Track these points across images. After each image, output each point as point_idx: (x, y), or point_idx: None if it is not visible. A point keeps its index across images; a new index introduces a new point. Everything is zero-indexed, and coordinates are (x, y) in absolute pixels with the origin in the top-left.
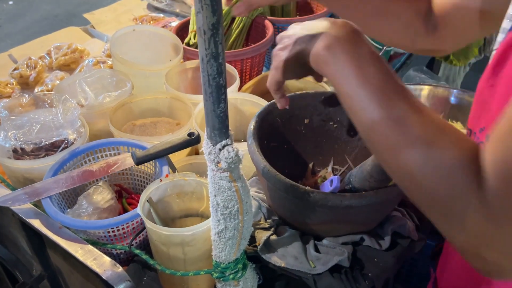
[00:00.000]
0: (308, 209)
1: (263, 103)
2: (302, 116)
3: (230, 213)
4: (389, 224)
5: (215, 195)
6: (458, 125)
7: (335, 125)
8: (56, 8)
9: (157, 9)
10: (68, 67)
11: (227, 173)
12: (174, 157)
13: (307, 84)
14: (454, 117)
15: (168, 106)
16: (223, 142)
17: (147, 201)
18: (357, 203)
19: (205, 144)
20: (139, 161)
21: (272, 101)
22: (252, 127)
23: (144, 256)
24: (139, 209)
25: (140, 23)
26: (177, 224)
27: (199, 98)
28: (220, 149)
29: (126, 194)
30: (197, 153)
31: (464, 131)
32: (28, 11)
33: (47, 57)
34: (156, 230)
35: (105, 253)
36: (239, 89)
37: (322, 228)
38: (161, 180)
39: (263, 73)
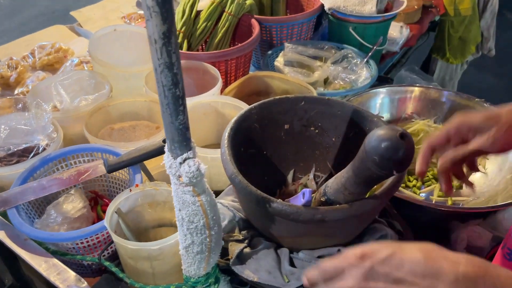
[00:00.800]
0: (281, 223)
1: (244, 106)
2: (282, 121)
3: (196, 228)
4: (369, 236)
5: (179, 209)
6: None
7: (317, 131)
8: (54, 3)
9: None
10: (52, 67)
11: (190, 188)
12: (151, 163)
13: (293, 85)
14: (446, 120)
15: (147, 109)
16: (184, 155)
17: (116, 212)
18: (331, 217)
19: (166, 157)
20: (111, 169)
21: (251, 106)
22: (226, 134)
23: (114, 269)
24: (105, 222)
25: (129, 21)
26: (150, 234)
27: None
28: (180, 163)
29: (101, 201)
30: None
31: None
32: (25, 6)
33: (30, 56)
34: (122, 244)
35: (75, 264)
36: (223, 90)
37: (296, 241)
38: (130, 190)
39: (249, 73)
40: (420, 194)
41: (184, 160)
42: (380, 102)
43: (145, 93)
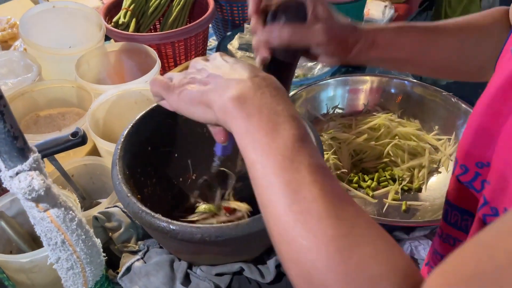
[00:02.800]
0: (166, 239)
1: None
2: None
3: (56, 245)
4: (275, 253)
5: (34, 224)
6: (415, 124)
7: None
8: None
9: None
10: (6, 43)
11: (32, 203)
12: (68, 157)
13: None
14: (411, 114)
15: (76, 95)
16: (16, 168)
17: None
18: (213, 238)
19: (0, 166)
20: None
21: None
22: (125, 132)
23: (0, 276)
24: None
25: None
26: None
27: (104, 89)
28: (11, 177)
29: None
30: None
31: (418, 130)
32: None
33: None
34: None
35: None
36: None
37: (194, 257)
38: None
39: (193, 58)
40: (374, 196)
41: (17, 174)
42: (333, 94)
43: (75, 79)
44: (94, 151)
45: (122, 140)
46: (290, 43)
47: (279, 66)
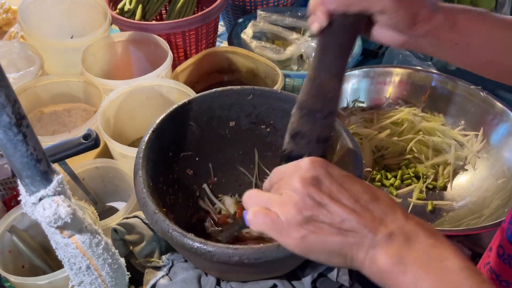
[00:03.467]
0: (197, 259)
1: (191, 93)
2: (226, 117)
3: (80, 269)
4: (311, 269)
5: (55, 248)
6: (440, 118)
7: (268, 129)
8: None
9: None
10: (1, 29)
11: (56, 230)
12: (78, 159)
13: (259, 64)
14: (435, 108)
15: (83, 90)
16: (39, 193)
17: (8, 231)
18: (251, 260)
19: (21, 191)
20: None
21: (186, 99)
22: (146, 139)
23: None
24: None
25: None
26: None
27: (113, 84)
28: (34, 203)
29: None
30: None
31: (443, 125)
32: None
33: None
34: (5, 275)
35: None
36: (174, 68)
37: (220, 274)
38: None
39: (208, 49)
40: (397, 195)
41: (40, 200)
42: (357, 87)
43: (81, 72)
44: (105, 152)
45: (143, 147)
46: (350, 5)
47: (337, 36)
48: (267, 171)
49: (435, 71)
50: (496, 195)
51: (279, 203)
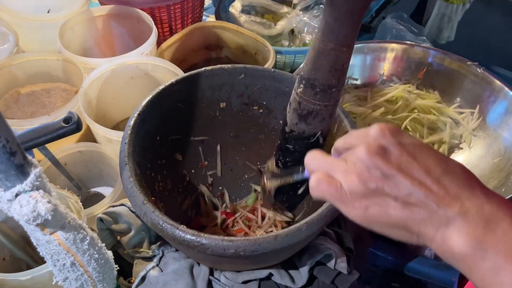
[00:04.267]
0: (189, 250)
1: (179, 72)
2: (216, 98)
3: (64, 266)
4: (308, 257)
5: (36, 244)
6: (435, 96)
7: (261, 110)
8: None
9: None
10: None
11: (36, 227)
12: (59, 143)
13: (248, 40)
14: (430, 85)
15: (62, 69)
16: (15, 189)
17: None
18: (248, 252)
19: None
20: None
21: (173, 79)
22: (131, 123)
23: None
24: None
25: None
26: None
27: (95, 63)
28: (9, 200)
29: None
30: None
31: (438, 102)
32: None
33: None
34: None
35: None
36: (159, 45)
37: (215, 265)
38: None
39: (194, 24)
40: None
41: (16, 196)
42: (351, 62)
43: (59, 49)
44: (88, 135)
45: (129, 133)
46: None
47: (351, 2)
48: (259, 154)
49: (432, 47)
50: (492, 175)
51: (342, 171)
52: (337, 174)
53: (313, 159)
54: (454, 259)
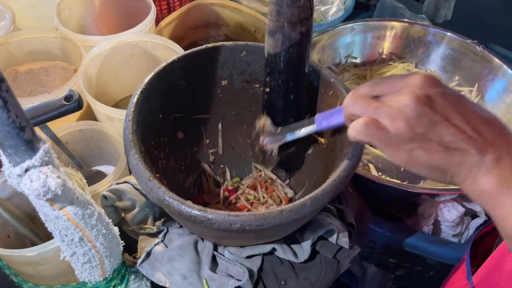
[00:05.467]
0: (195, 225)
1: (178, 49)
2: (218, 76)
3: (73, 241)
4: (310, 233)
5: (45, 220)
6: (434, 73)
7: (262, 88)
8: None
9: None
10: None
11: (46, 202)
12: (60, 121)
13: (247, 17)
14: (429, 63)
15: (60, 47)
16: (25, 164)
17: None
18: (254, 227)
19: (4, 162)
20: None
21: (175, 57)
22: (134, 100)
23: (0, 263)
24: None
25: None
26: None
27: (94, 41)
28: (19, 175)
29: None
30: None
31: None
32: None
33: None
34: None
35: None
36: (157, 23)
37: (219, 241)
38: None
39: (195, 1)
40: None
41: (26, 171)
42: (350, 41)
43: (57, 27)
44: (88, 114)
45: (132, 110)
46: None
47: None
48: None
49: (431, 25)
50: None
51: (390, 116)
52: (383, 119)
53: (355, 103)
54: (481, 196)
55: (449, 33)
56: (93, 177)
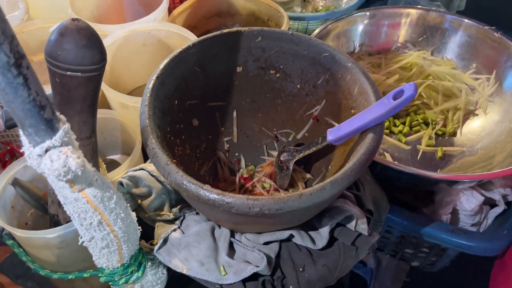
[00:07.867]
0: (213, 210)
1: (192, 37)
2: (233, 62)
3: (91, 225)
4: (329, 219)
5: (64, 203)
6: (450, 62)
7: (278, 75)
8: None
9: None
10: None
11: (65, 184)
12: None
13: (260, 6)
14: (446, 51)
15: None
16: (45, 144)
17: (12, 184)
18: (273, 211)
19: (24, 142)
20: (11, 125)
21: (190, 43)
22: (150, 86)
23: (17, 250)
24: None
25: None
26: None
27: (107, 29)
28: (40, 155)
29: (19, 154)
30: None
31: (453, 69)
32: None
33: None
34: (11, 230)
35: None
36: (170, 12)
37: (236, 227)
38: None
39: None
40: (406, 143)
41: (46, 151)
42: (364, 29)
43: (70, 16)
44: (102, 103)
45: (148, 95)
46: None
47: None
48: (276, 119)
49: (448, 12)
50: (509, 139)
51: None
52: None
53: None
54: None
55: (466, 20)
56: (107, 167)
